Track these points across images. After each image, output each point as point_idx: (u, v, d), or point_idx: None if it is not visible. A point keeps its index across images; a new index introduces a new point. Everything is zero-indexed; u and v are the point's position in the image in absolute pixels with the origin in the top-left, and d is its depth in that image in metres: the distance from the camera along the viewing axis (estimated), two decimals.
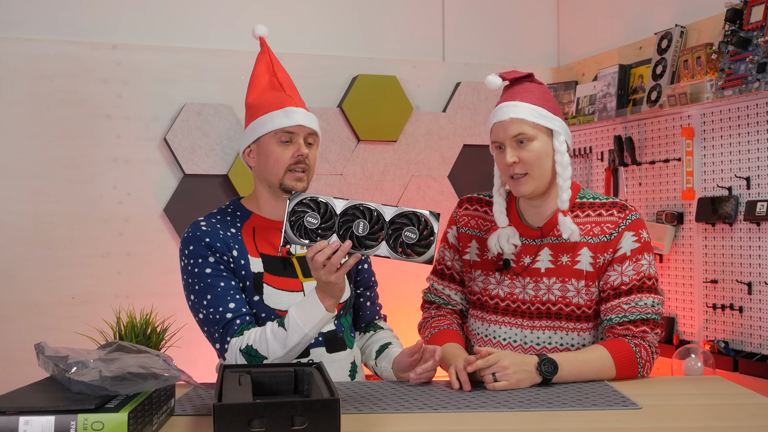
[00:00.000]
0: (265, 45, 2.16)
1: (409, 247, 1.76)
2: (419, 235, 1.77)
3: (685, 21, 3.15)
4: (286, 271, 2.03)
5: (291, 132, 2.01)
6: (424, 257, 1.77)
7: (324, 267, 1.76)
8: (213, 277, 1.96)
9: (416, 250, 1.77)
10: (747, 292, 2.80)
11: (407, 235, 1.76)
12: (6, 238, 3.19)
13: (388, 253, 1.76)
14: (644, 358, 1.95)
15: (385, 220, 1.77)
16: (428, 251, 1.77)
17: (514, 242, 2.05)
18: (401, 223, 1.77)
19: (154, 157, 3.41)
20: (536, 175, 2.00)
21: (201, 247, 1.98)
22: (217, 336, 1.94)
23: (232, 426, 1.34)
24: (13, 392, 1.47)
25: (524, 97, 2.01)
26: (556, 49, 4.10)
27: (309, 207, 1.77)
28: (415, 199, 3.74)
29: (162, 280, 3.32)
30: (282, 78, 2.11)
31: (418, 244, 1.77)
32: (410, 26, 3.87)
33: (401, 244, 1.76)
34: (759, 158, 2.76)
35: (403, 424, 1.58)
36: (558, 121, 2.02)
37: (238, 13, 3.58)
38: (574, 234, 1.99)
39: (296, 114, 2.02)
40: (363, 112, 3.65)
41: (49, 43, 3.25)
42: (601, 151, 3.55)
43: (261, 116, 2.04)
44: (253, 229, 2.06)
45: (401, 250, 1.76)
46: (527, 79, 2.06)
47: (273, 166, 2.01)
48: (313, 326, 1.85)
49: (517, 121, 1.98)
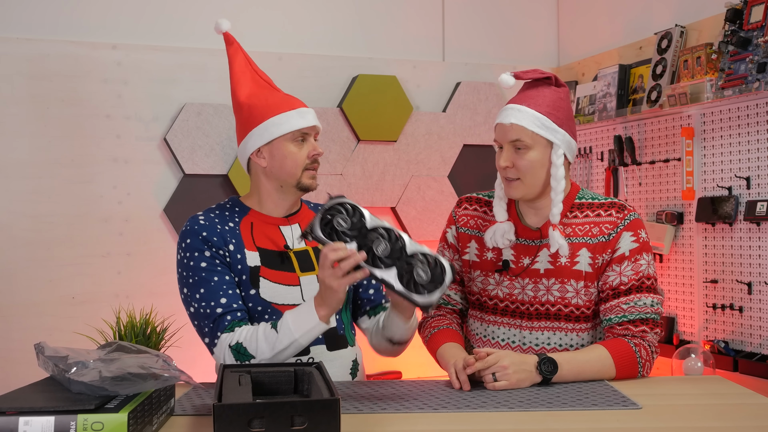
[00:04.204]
0: (234, 40, 2.16)
1: (415, 284, 1.77)
2: (430, 277, 1.77)
3: (685, 21, 3.16)
4: (284, 265, 2.04)
5: (306, 133, 2.07)
6: (424, 299, 1.77)
7: (332, 268, 1.77)
8: (207, 271, 1.97)
9: (419, 290, 1.77)
10: (747, 292, 2.80)
11: (419, 273, 1.77)
12: (6, 238, 3.18)
13: (393, 281, 1.77)
14: (644, 358, 1.95)
15: (405, 251, 1.78)
16: (430, 296, 1.77)
17: (509, 237, 2.05)
18: (419, 261, 1.78)
19: (154, 157, 3.41)
20: (528, 183, 2.00)
21: (198, 241, 1.99)
22: (207, 330, 1.95)
23: (232, 426, 1.34)
24: (13, 392, 1.47)
25: (533, 102, 1.99)
26: (556, 49, 4.10)
27: (345, 211, 1.79)
28: (415, 199, 3.74)
29: (162, 280, 3.31)
30: (265, 77, 2.15)
31: (425, 285, 1.77)
32: (410, 26, 3.87)
33: (410, 280, 1.77)
34: (759, 158, 2.76)
35: (403, 424, 1.58)
36: (561, 133, 1.99)
37: (238, 14, 3.58)
38: (563, 248, 1.98)
39: (310, 115, 2.08)
40: (363, 112, 3.65)
41: (49, 43, 3.25)
42: (601, 151, 3.55)
43: (273, 117, 2.05)
44: (251, 224, 2.07)
45: (407, 285, 1.76)
46: (545, 81, 2.02)
47: (291, 166, 2.05)
48: (303, 333, 1.85)
49: (517, 127, 1.97)
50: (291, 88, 3.55)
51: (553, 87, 2.02)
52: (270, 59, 3.53)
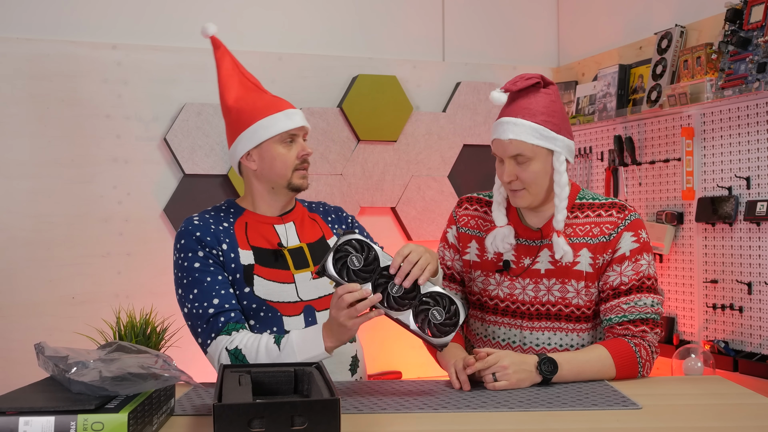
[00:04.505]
0: (221, 44, 2.18)
1: (430, 324, 1.77)
2: (444, 318, 1.77)
3: (685, 21, 3.16)
4: (278, 263, 2.05)
5: (294, 134, 2.08)
6: (440, 340, 1.77)
7: (347, 309, 1.76)
8: (201, 272, 1.99)
9: (433, 331, 1.77)
10: (747, 292, 2.80)
11: (434, 314, 1.77)
12: (6, 238, 3.18)
13: (409, 322, 1.77)
14: (644, 358, 1.95)
15: (420, 292, 1.78)
16: (446, 337, 1.77)
17: (509, 241, 2.05)
18: (433, 301, 1.78)
19: (154, 157, 3.41)
20: (533, 192, 2.00)
21: (192, 242, 2.01)
22: (200, 331, 1.96)
23: (232, 426, 1.34)
24: (13, 392, 1.47)
25: (528, 113, 1.96)
26: (556, 49, 4.10)
27: (356, 249, 1.78)
28: (415, 199, 3.74)
29: (162, 280, 3.31)
30: (253, 79, 2.16)
31: (440, 326, 1.77)
32: (410, 26, 3.87)
33: (425, 320, 1.77)
34: (759, 158, 2.76)
35: (403, 424, 1.58)
36: (560, 140, 1.97)
37: (238, 14, 3.58)
38: (567, 255, 1.98)
39: (297, 116, 2.10)
40: (363, 112, 3.66)
41: (49, 43, 3.25)
42: (601, 151, 3.55)
43: (260, 120, 2.06)
44: (245, 224, 2.09)
45: (422, 325, 1.77)
46: (534, 88, 1.99)
47: (281, 167, 2.07)
48: (307, 358, 1.86)
49: (516, 142, 1.95)
50: (291, 88, 3.59)
51: (543, 90, 1.99)
52: (270, 59, 3.53)
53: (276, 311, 2.00)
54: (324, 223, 2.19)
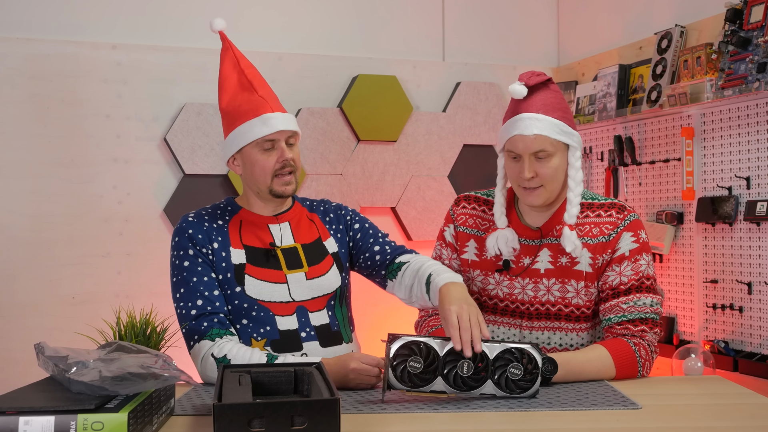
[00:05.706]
0: (226, 40, 2.15)
1: (515, 383, 1.74)
2: (524, 370, 1.74)
3: (685, 21, 3.15)
4: (269, 263, 2.05)
5: (272, 139, 2.03)
6: (530, 392, 1.75)
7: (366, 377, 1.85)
8: (189, 271, 2.00)
9: (521, 386, 1.74)
10: (747, 292, 2.80)
11: (512, 372, 1.74)
12: (6, 238, 3.18)
13: (494, 390, 1.74)
14: (644, 358, 1.95)
15: (489, 358, 1.74)
16: (534, 386, 1.75)
17: (513, 246, 2.05)
18: (506, 359, 1.74)
19: (154, 157, 3.41)
20: (550, 189, 2.01)
21: (184, 239, 2.03)
22: (185, 331, 1.97)
23: (232, 426, 1.34)
24: (13, 392, 1.47)
25: (548, 109, 1.98)
26: (556, 49, 4.09)
27: (411, 350, 1.73)
28: (415, 199, 3.74)
29: (162, 280, 3.28)
30: (251, 75, 2.09)
31: (523, 379, 1.74)
32: (410, 26, 3.87)
33: (506, 381, 1.74)
34: (759, 158, 2.76)
35: (403, 424, 1.58)
36: (575, 135, 2.01)
37: (238, 13, 3.58)
38: (577, 249, 1.99)
39: (273, 120, 2.03)
40: (363, 112, 3.65)
41: (49, 43, 3.25)
42: (601, 151, 3.55)
43: (239, 126, 2.05)
44: (240, 222, 2.09)
45: (507, 387, 1.74)
46: (544, 85, 2.01)
47: (260, 174, 2.05)
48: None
49: (541, 137, 1.96)
50: (291, 88, 3.59)
51: (552, 87, 2.03)
52: (270, 59, 3.53)
53: (268, 311, 2.00)
54: (322, 224, 2.17)
